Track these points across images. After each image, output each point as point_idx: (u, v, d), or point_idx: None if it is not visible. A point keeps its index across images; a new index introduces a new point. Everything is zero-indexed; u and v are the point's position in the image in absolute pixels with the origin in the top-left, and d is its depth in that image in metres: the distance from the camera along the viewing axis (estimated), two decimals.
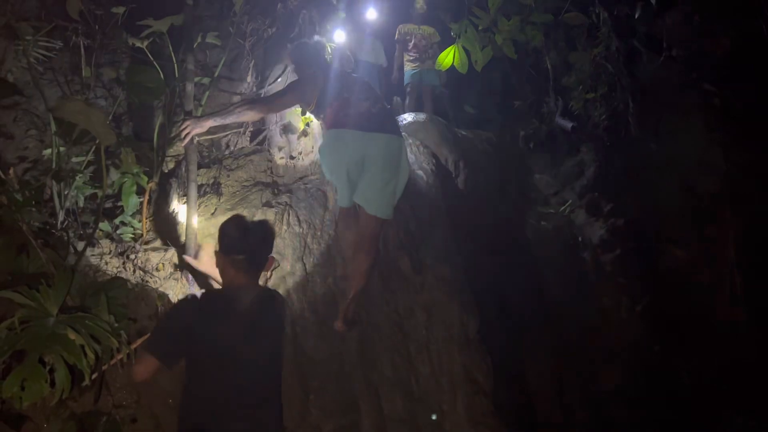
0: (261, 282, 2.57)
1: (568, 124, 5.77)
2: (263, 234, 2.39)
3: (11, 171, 2.73)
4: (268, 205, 3.70)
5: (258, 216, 3.54)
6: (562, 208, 5.33)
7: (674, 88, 4.56)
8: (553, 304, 4.84)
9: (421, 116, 5.18)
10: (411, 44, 6.33)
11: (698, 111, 4.45)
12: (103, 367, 2.43)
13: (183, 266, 3.08)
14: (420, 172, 4.37)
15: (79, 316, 2.16)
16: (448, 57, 3.67)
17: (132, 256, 3.09)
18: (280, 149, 4.18)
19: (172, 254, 3.16)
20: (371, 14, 6.12)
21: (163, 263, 3.10)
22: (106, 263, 3.01)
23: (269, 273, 2.98)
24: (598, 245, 4.86)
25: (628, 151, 4.93)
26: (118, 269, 2.99)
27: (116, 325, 2.32)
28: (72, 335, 2.04)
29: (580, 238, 5.00)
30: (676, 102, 4.56)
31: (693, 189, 4.52)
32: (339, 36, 4.59)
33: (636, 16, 4.62)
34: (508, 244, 5.02)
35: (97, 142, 2.63)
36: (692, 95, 4.46)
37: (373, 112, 3.20)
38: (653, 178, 4.67)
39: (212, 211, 3.67)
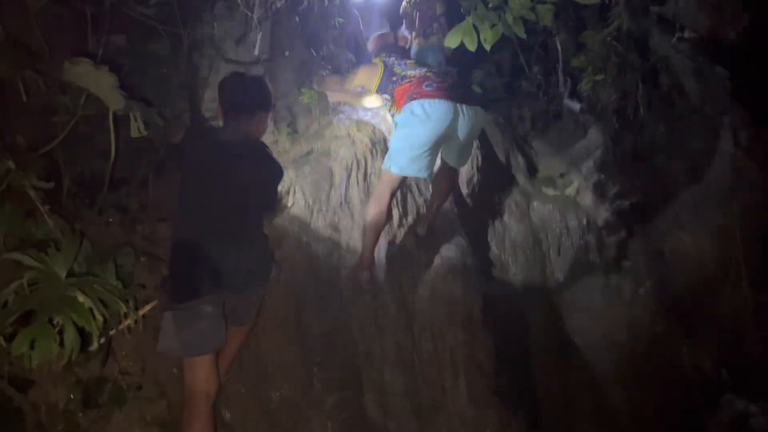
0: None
1: (577, 106, 5.73)
2: (245, 86, 2.68)
3: (19, 137, 2.72)
4: None
5: None
6: (568, 189, 5.31)
7: (685, 71, 4.52)
8: (557, 286, 4.84)
9: None
10: (417, 17, 6.23)
11: (708, 95, 4.41)
12: (111, 332, 2.44)
13: None
14: None
15: (88, 280, 2.17)
16: (456, 35, 3.62)
17: (139, 226, 3.09)
18: (287, 125, 4.16)
19: None
20: None
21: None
22: (113, 232, 3.02)
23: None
24: (604, 227, 4.85)
25: (636, 134, 4.90)
26: (125, 239, 2.99)
27: (124, 290, 2.33)
28: (81, 298, 2.04)
29: (585, 220, 4.98)
30: (687, 85, 4.52)
31: (701, 174, 4.50)
32: None
33: None
34: (513, 225, 5.01)
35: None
36: (703, 78, 4.41)
37: (454, 83, 3.52)
38: (661, 161, 4.65)
39: None
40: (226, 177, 2.50)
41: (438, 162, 3.63)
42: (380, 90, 3.64)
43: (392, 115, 3.63)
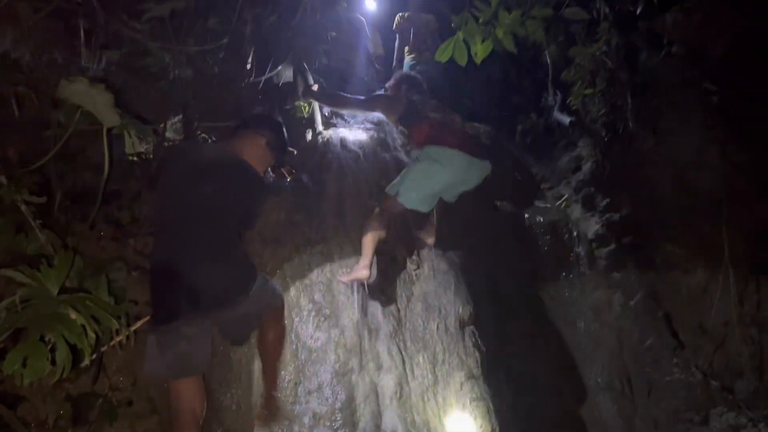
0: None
1: (566, 119, 5.78)
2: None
3: (10, 151, 2.72)
4: None
5: None
6: (558, 202, 5.36)
7: (673, 86, 4.57)
8: (548, 297, 4.87)
9: None
10: (411, 34, 6.30)
11: (696, 109, 4.46)
12: (103, 349, 2.43)
13: None
14: None
15: (81, 297, 2.16)
16: (447, 49, 3.66)
17: (131, 241, 3.08)
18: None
19: None
20: (371, 5, 6.10)
21: None
22: (105, 246, 3.01)
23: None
24: (594, 240, 4.89)
25: (625, 147, 4.95)
26: (118, 253, 2.99)
27: (116, 306, 2.32)
28: (73, 315, 2.04)
29: (575, 233, 5.02)
30: (675, 99, 4.58)
31: (689, 186, 4.55)
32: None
33: (637, 13, 4.63)
34: (504, 237, 5.04)
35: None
36: (691, 93, 4.47)
37: (469, 134, 3.76)
38: (650, 174, 4.70)
39: None
40: (200, 193, 2.46)
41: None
42: (400, 123, 3.79)
43: (408, 150, 3.75)
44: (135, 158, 3.16)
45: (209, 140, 3.71)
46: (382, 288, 3.68)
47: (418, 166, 3.61)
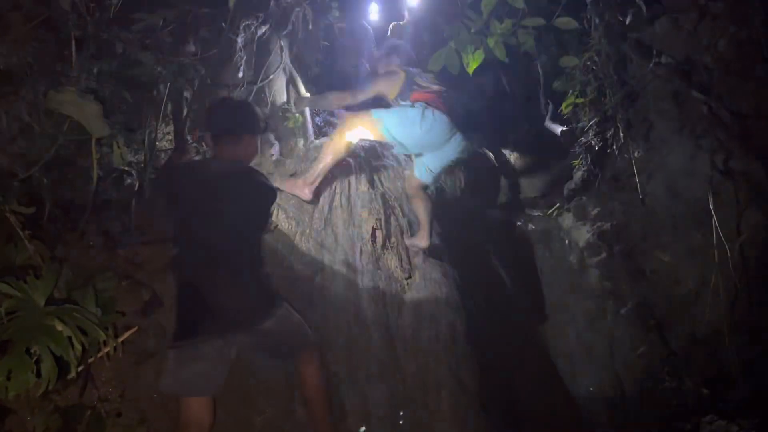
0: None
1: (558, 128, 5.81)
2: (230, 112, 2.67)
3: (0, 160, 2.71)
4: None
5: None
6: (550, 211, 5.37)
7: (663, 95, 4.60)
8: (540, 306, 4.88)
9: None
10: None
11: (686, 118, 4.49)
12: (90, 360, 2.42)
13: None
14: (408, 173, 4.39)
15: (67, 308, 2.15)
16: (439, 58, 3.68)
17: (121, 250, 3.07)
18: (270, 147, 4.18)
19: (161, 248, 3.15)
20: (373, 14, 6.12)
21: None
22: (95, 256, 3.00)
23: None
24: (585, 248, 4.89)
25: (615, 156, 4.97)
26: (107, 263, 2.98)
27: (104, 317, 2.31)
28: (59, 326, 2.03)
29: (567, 241, 5.03)
30: (665, 108, 4.60)
31: (679, 195, 4.56)
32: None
33: (627, 23, 4.66)
34: (496, 246, 5.05)
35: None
36: (680, 102, 4.49)
37: (459, 111, 3.88)
38: (640, 183, 4.71)
39: None
40: (222, 209, 2.47)
41: (415, 180, 4.02)
42: (399, 97, 3.86)
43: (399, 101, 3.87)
44: (126, 168, 3.15)
45: (200, 151, 3.72)
46: (373, 296, 3.68)
47: (409, 110, 3.73)
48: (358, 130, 3.80)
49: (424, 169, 3.95)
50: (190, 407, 2.40)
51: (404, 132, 3.76)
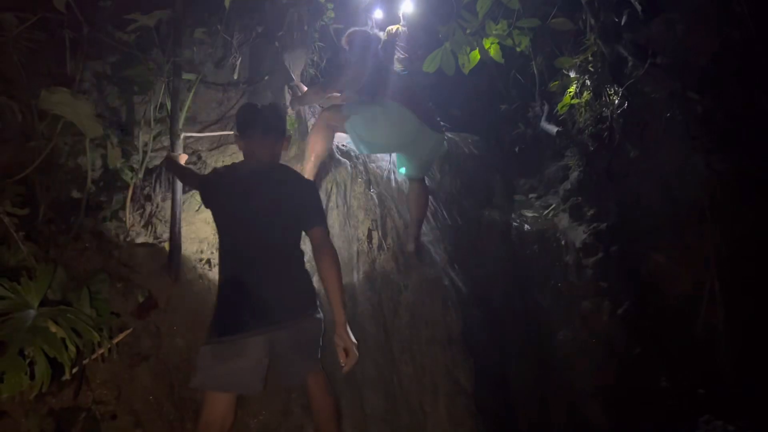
0: None
1: (553, 129, 5.81)
2: (268, 116, 2.74)
3: None
4: None
5: None
6: (546, 211, 5.38)
7: (658, 96, 4.61)
8: (536, 307, 4.87)
9: None
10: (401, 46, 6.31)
11: (681, 118, 4.50)
12: (84, 362, 2.40)
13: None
14: None
15: (61, 309, 2.14)
16: (435, 59, 3.68)
17: (115, 252, 3.06)
18: None
19: (156, 250, 3.14)
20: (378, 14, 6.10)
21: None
22: (89, 258, 2.98)
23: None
24: (581, 249, 4.90)
25: (611, 157, 4.98)
26: (102, 265, 2.96)
27: (98, 319, 2.30)
28: (53, 328, 2.01)
29: (563, 242, 5.03)
30: (660, 109, 4.61)
31: (674, 195, 4.57)
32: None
33: (622, 23, 4.67)
34: (492, 247, 5.05)
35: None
36: (675, 103, 4.51)
37: (428, 107, 3.77)
38: (636, 183, 4.72)
39: (197, 207, 3.65)
40: (267, 206, 2.57)
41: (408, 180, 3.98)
42: (366, 91, 3.78)
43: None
44: (122, 168, 3.14)
45: (195, 152, 3.71)
46: (369, 297, 3.67)
47: (375, 108, 3.64)
48: (331, 125, 3.72)
49: (402, 169, 3.93)
50: (217, 406, 2.40)
51: (367, 129, 3.67)
